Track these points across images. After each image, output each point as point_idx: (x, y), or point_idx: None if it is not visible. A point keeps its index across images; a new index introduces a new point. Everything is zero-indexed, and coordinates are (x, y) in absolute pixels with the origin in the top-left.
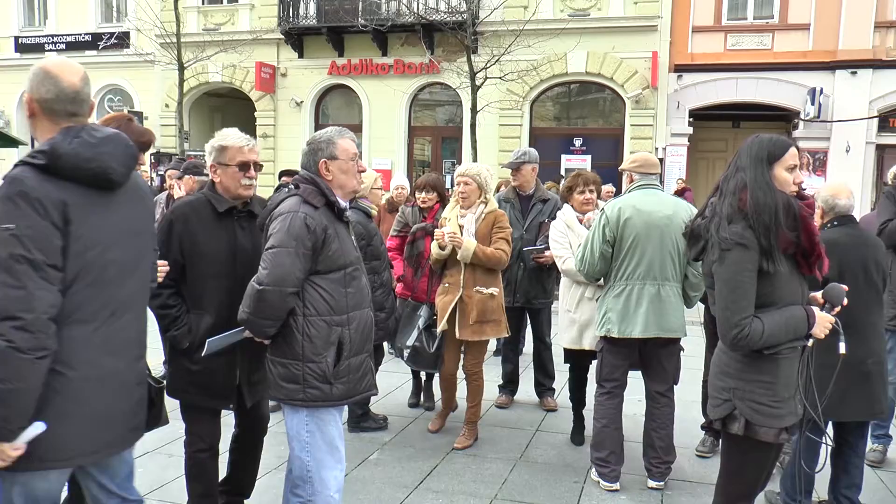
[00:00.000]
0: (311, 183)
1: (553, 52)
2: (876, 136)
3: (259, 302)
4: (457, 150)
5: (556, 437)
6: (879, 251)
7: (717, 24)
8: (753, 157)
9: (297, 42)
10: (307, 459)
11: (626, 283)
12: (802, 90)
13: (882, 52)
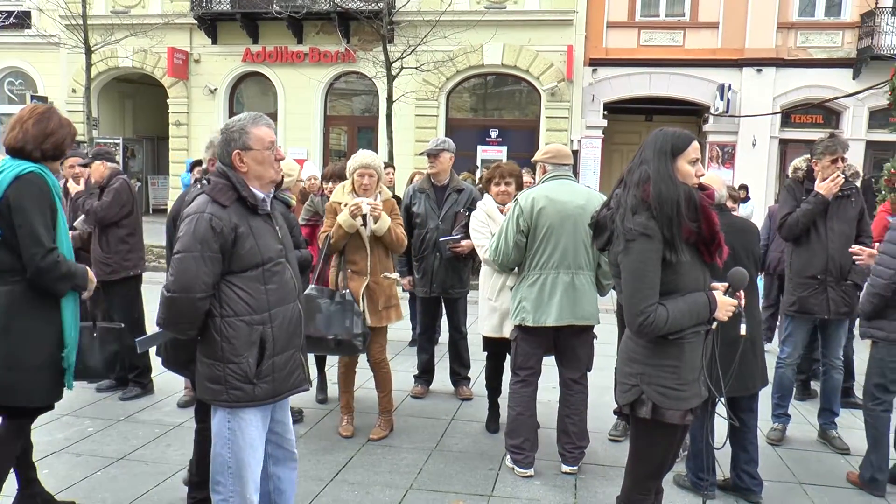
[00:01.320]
0: (222, 177)
1: (469, 43)
2: (779, 130)
3: (169, 309)
4: (373, 139)
5: (472, 425)
6: (750, 237)
7: (630, 21)
8: (657, 150)
9: (211, 28)
10: (228, 456)
11: (541, 273)
12: (712, 86)
13: (784, 52)
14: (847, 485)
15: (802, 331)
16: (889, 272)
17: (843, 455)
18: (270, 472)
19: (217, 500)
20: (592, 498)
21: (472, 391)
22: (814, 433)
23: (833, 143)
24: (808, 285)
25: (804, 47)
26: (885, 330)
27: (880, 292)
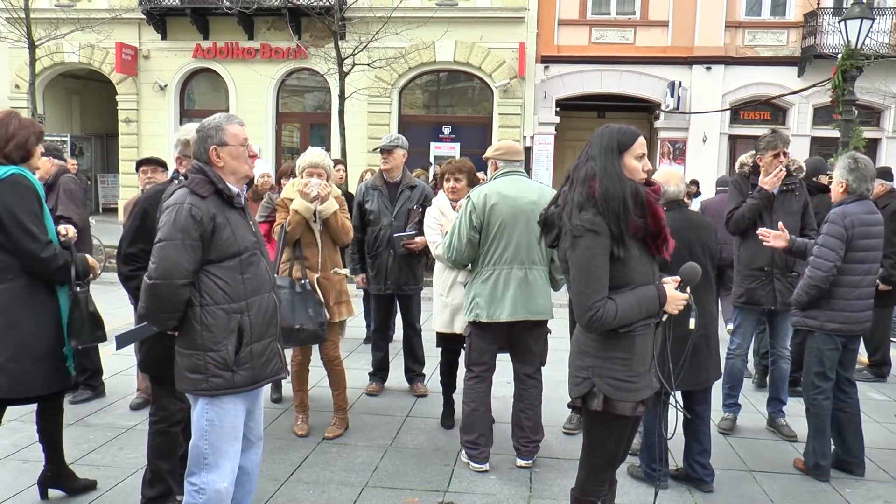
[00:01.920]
0: (199, 172)
1: (421, 40)
2: (729, 127)
3: (152, 297)
4: (325, 136)
5: (427, 421)
6: (706, 233)
7: (582, 18)
8: (604, 146)
9: (160, 23)
10: (205, 447)
11: (494, 268)
12: (663, 83)
13: (732, 50)
14: (794, 471)
15: (751, 322)
16: (828, 265)
17: (790, 442)
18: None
19: (189, 490)
20: (548, 491)
21: (427, 388)
22: (763, 421)
23: (774, 138)
24: (755, 277)
25: (751, 46)
26: (819, 319)
27: (819, 284)
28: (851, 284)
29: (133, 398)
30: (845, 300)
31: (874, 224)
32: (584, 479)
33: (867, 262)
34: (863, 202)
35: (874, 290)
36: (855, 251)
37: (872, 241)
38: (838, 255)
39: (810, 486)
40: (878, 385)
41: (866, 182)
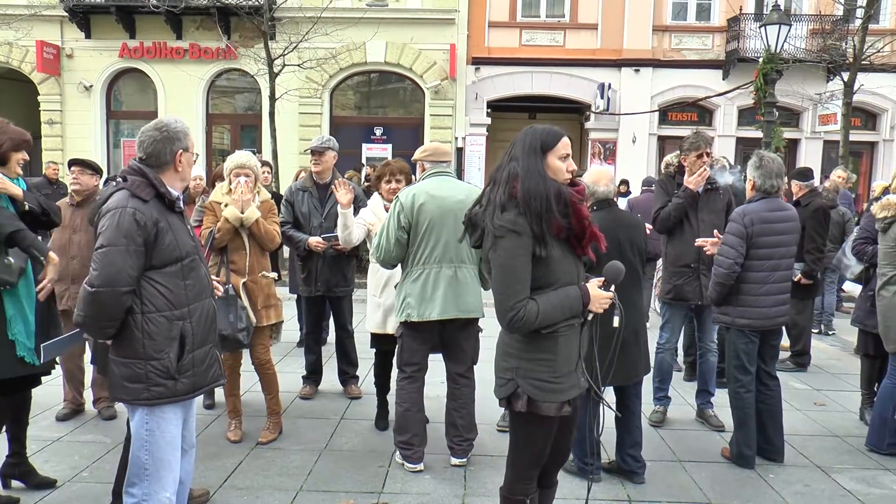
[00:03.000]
0: (139, 174)
1: (352, 40)
2: (657, 128)
3: (93, 304)
4: (256, 138)
5: (361, 423)
6: (635, 231)
7: (512, 21)
8: (527, 147)
9: (84, 21)
10: (145, 458)
11: (424, 268)
12: (593, 85)
13: (660, 53)
14: (722, 459)
15: (679, 317)
16: (728, 261)
17: (718, 432)
18: None
19: (130, 502)
20: (482, 488)
21: (360, 389)
22: (692, 413)
23: (697, 139)
24: (682, 274)
25: (678, 49)
26: (731, 315)
27: (722, 280)
28: (758, 281)
29: (60, 409)
30: (753, 296)
31: (778, 221)
32: (512, 478)
33: (773, 258)
34: (769, 200)
35: (788, 286)
36: (758, 248)
37: (777, 238)
38: (738, 252)
39: (737, 473)
40: (799, 375)
41: (771, 178)
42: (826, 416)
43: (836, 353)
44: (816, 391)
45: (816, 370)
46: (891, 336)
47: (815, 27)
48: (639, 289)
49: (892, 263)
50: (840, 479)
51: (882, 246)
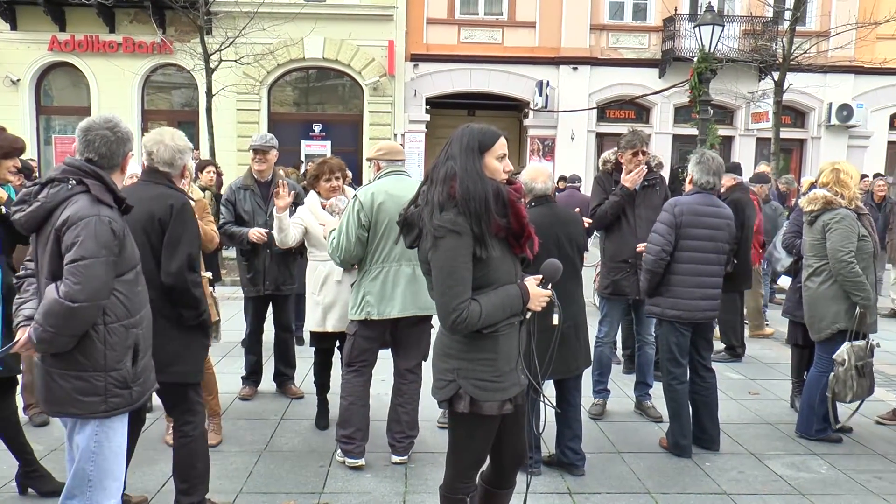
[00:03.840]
0: (95, 178)
1: (289, 36)
2: (595, 125)
3: (71, 319)
4: (194, 135)
5: (301, 423)
6: (572, 227)
7: (450, 18)
8: (464, 146)
9: (9, 12)
10: (90, 470)
11: (383, 266)
12: (531, 82)
13: (598, 52)
14: (660, 450)
15: (617, 311)
16: (656, 248)
17: (656, 423)
18: None
19: None
20: (423, 485)
21: (301, 389)
22: (631, 405)
23: (633, 137)
24: (619, 269)
25: (615, 48)
26: (661, 307)
27: (650, 268)
28: (687, 273)
29: None
30: (682, 288)
31: (709, 216)
32: (452, 477)
33: (704, 251)
34: (704, 195)
35: (719, 281)
36: (686, 239)
37: (707, 232)
38: (667, 241)
39: (674, 462)
40: (734, 365)
41: (708, 175)
42: (759, 405)
43: (768, 343)
44: (751, 381)
45: (751, 360)
46: (815, 325)
47: (747, 28)
48: (578, 283)
49: (817, 255)
50: (772, 464)
51: (808, 238)
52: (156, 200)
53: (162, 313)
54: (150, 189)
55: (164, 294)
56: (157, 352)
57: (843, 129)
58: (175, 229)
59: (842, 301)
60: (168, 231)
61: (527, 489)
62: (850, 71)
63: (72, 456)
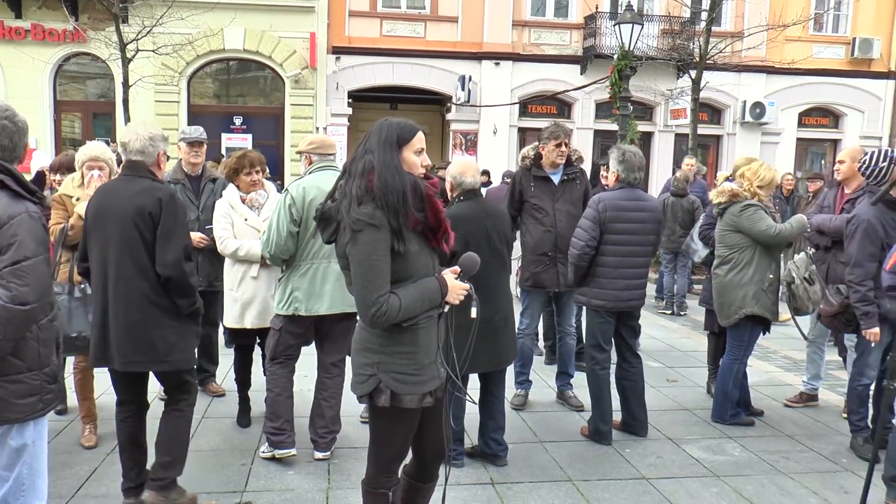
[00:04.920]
0: (6, 173)
1: (209, 26)
2: (518, 119)
3: (23, 322)
4: (111, 127)
5: (223, 422)
6: (501, 221)
7: (372, 11)
8: (382, 140)
9: None
10: (25, 473)
11: (312, 262)
12: (454, 77)
13: (520, 47)
14: (581, 438)
15: (538, 303)
16: (580, 243)
17: (578, 412)
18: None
19: None
20: (346, 481)
21: (222, 387)
22: (553, 395)
23: (556, 129)
24: (540, 262)
25: (537, 44)
26: (587, 296)
27: (575, 262)
28: (612, 265)
29: None
30: (607, 279)
31: (633, 210)
32: (374, 471)
33: (628, 244)
34: (628, 190)
35: (643, 272)
36: (611, 233)
37: (631, 226)
38: (591, 235)
39: (595, 449)
40: (654, 354)
41: (633, 172)
42: (677, 392)
43: (687, 332)
44: (669, 368)
45: (670, 349)
46: (724, 311)
47: (666, 28)
48: (507, 276)
49: (726, 245)
50: (689, 448)
51: (718, 229)
52: (144, 195)
53: (158, 304)
54: (134, 183)
55: (158, 285)
56: (157, 342)
57: (756, 126)
58: (167, 221)
59: (747, 288)
60: (161, 224)
61: (445, 482)
62: (762, 70)
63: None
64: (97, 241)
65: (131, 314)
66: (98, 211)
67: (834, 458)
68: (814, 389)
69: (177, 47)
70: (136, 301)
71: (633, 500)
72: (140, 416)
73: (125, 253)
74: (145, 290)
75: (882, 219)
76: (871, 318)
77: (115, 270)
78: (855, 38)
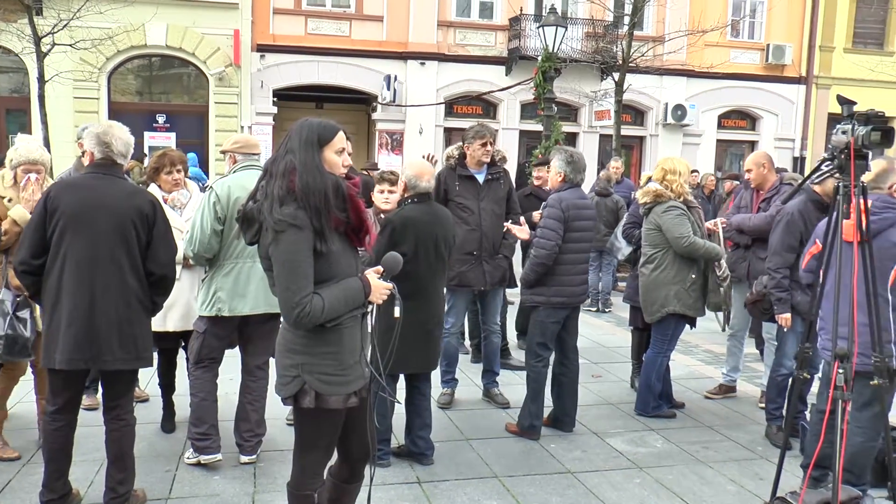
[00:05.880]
0: None
1: (129, 21)
2: (444, 119)
3: None
4: (25, 123)
5: (147, 427)
6: (449, 227)
7: (297, 8)
8: (303, 140)
9: None
10: None
11: (236, 262)
12: (379, 76)
13: (445, 48)
14: (507, 434)
15: (463, 302)
16: (550, 244)
17: (504, 409)
18: None
19: None
20: (272, 484)
21: (146, 392)
22: (479, 393)
23: (481, 128)
24: (465, 261)
25: (463, 45)
26: (545, 295)
27: (544, 262)
28: (571, 262)
29: None
30: (567, 276)
31: (586, 208)
32: (299, 473)
33: (583, 241)
34: (575, 189)
35: (588, 266)
36: (572, 231)
37: (585, 223)
38: (559, 235)
39: (521, 445)
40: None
41: (580, 173)
42: (602, 387)
43: (611, 328)
44: (594, 364)
45: (595, 345)
46: (649, 308)
47: (589, 31)
48: (444, 281)
49: (651, 244)
50: (613, 442)
51: (644, 229)
52: (138, 196)
53: (141, 302)
54: (117, 183)
55: (143, 283)
56: (138, 339)
57: (677, 127)
58: (161, 223)
59: (670, 287)
60: (156, 225)
61: (371, 482)
62: (683, 74)
63: None
64: (82, 237)
65: (122, 310)
66: (83, 207)
67: (750, 447)
68: (732, 381)
69: (96, 42)
70: (127, 297)
71: (559, 493)
72: (73, 425)
73: (122, 250)
74: (134, 287)
75: (806, 214)
76: (783, 304)
77: (107, 266)
78: (769, 44)
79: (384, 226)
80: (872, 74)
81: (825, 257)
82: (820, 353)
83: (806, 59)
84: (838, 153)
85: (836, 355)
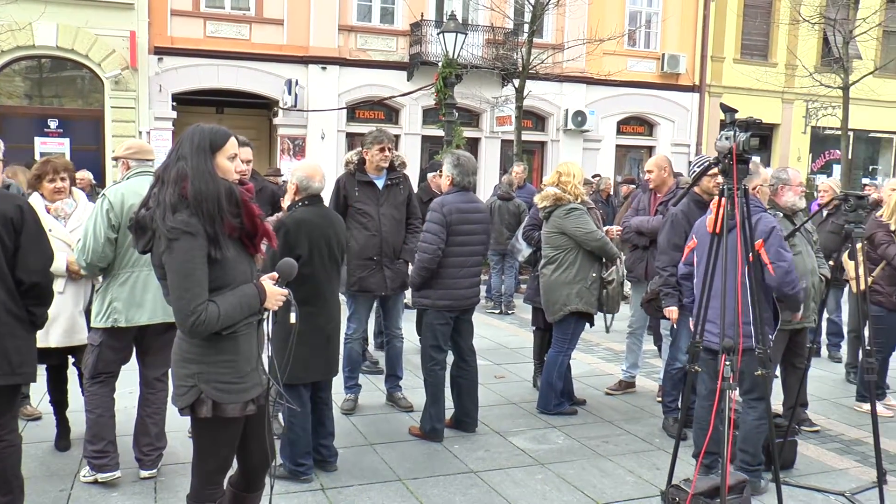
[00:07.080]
0: None
1: (15, 20)
2: (346, 125)
3: None
4: None
5: (39, 446)
6: (341, 229)
7: (195, 10)
8: (195, 146)
9: None
10: None
11: (132, 270)
12: (280, 81)
13: (346, 52)
14: (411, 437)
15: (364, 307)
16: (432, 248)
17: (407, 413)
18: None
19: None
20: (174, 498)
21: (38, 409)
22: (382, 398)
23: (380, 133)
24: (366, 266)
25: (364, 49)
26: (431, 298)
27: (427, 265)
28: (457, 265)
29: None
30: (453, 279)
31: (473, 212)
32: (198, 485)
33: (470, 244)
34: (464, 193)
35: (480, 270)
36: (456, 235)
37: (472, 227)
38: (440, 239)
39: (424, 448)
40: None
41: (468, 176)
42: (505, 387)
43: (514, 329)
44: (497, 365)
45: (498, 346)
46: (550, 308)
47: (490, 38)
48: (339, 284)
49: (552, 246)
50: (516, 440)
51: (544, 231)
52: (2, 201)
53: (13, 313)
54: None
55: (14, 293)
56: (11, 354)
57: (578, 133)
58: (31, 227)
59: (572, 286)
60: (24, 230)
61: (271, 490)
62: (583, 81)
63: None
64: None
65: None
66: None
67: (648, 439)
68: (632, 377)
69: None
70: None
71: (461, 493)
72: None
73: None
74: (3, 298)
75: (689, 214)
76: (670, 299)
77: None
78: (664, 53)
79: (276, 228)
80: (759, 84)
81: (708, 255)
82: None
83: (699, 69)
84: (722, 157)
85: (724, 348)
